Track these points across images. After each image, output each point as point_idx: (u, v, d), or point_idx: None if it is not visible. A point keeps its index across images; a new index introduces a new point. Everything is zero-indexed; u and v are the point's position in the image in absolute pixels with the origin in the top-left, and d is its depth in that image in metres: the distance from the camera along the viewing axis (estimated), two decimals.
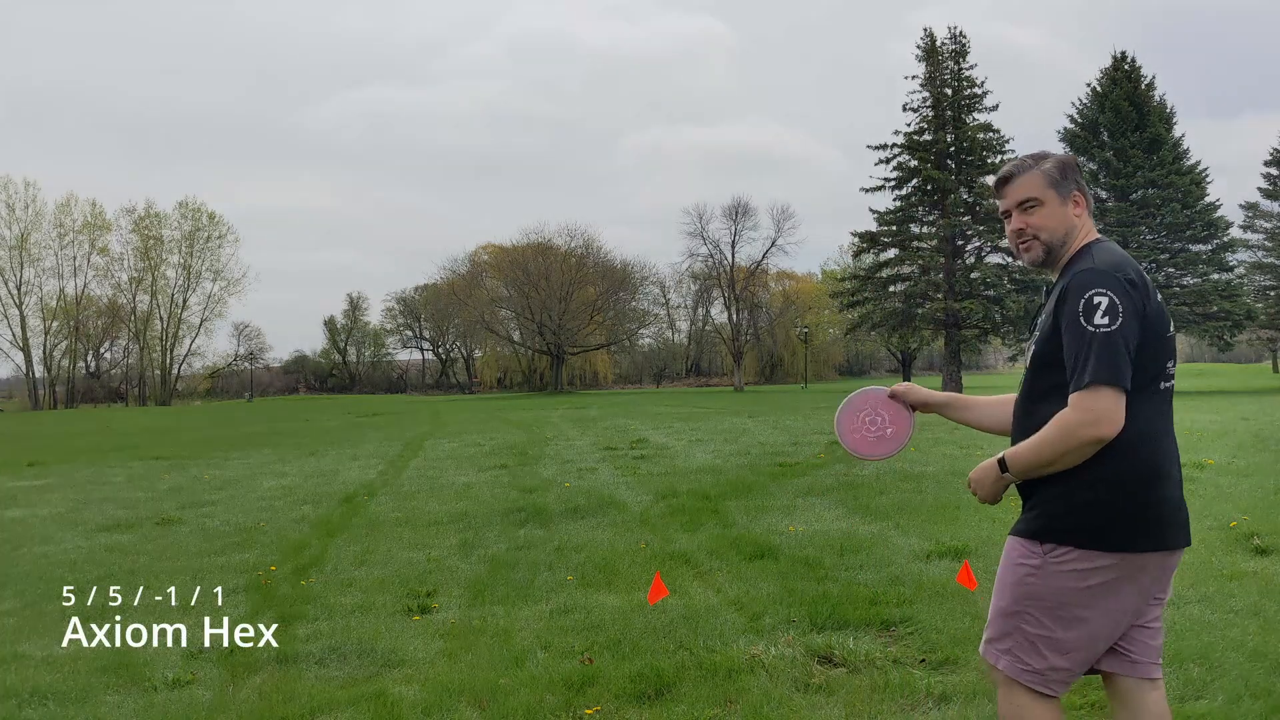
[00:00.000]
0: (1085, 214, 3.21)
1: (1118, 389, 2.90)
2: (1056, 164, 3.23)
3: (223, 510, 12.43)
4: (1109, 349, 2.89)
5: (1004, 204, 3.27)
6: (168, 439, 29.64)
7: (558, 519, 10.56)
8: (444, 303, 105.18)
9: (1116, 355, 2.90)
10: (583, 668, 5.41)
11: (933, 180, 50.92)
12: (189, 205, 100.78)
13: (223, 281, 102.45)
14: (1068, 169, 3.23)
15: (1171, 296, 51.80)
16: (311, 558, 8.91)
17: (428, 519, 10.91)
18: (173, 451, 23.28)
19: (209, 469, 18.20)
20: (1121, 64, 54.38)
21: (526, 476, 14.68)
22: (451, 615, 6.71)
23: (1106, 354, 2.89)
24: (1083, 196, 3.22)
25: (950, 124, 51.75)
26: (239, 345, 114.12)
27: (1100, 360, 2.89)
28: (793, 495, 11.47)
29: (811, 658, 5.43)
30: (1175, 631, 5.60)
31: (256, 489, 14.58)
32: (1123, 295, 2.94)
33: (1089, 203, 3.24)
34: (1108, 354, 2.89)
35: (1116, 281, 2.95)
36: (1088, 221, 3.21)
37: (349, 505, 12.34)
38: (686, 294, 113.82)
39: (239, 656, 5.92)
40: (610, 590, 7.19)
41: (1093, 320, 2.91)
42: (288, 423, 38.59)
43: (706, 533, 9.36)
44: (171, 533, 10.82)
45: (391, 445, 22.65)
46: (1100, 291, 2.93)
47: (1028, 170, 3.23)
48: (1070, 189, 3.20)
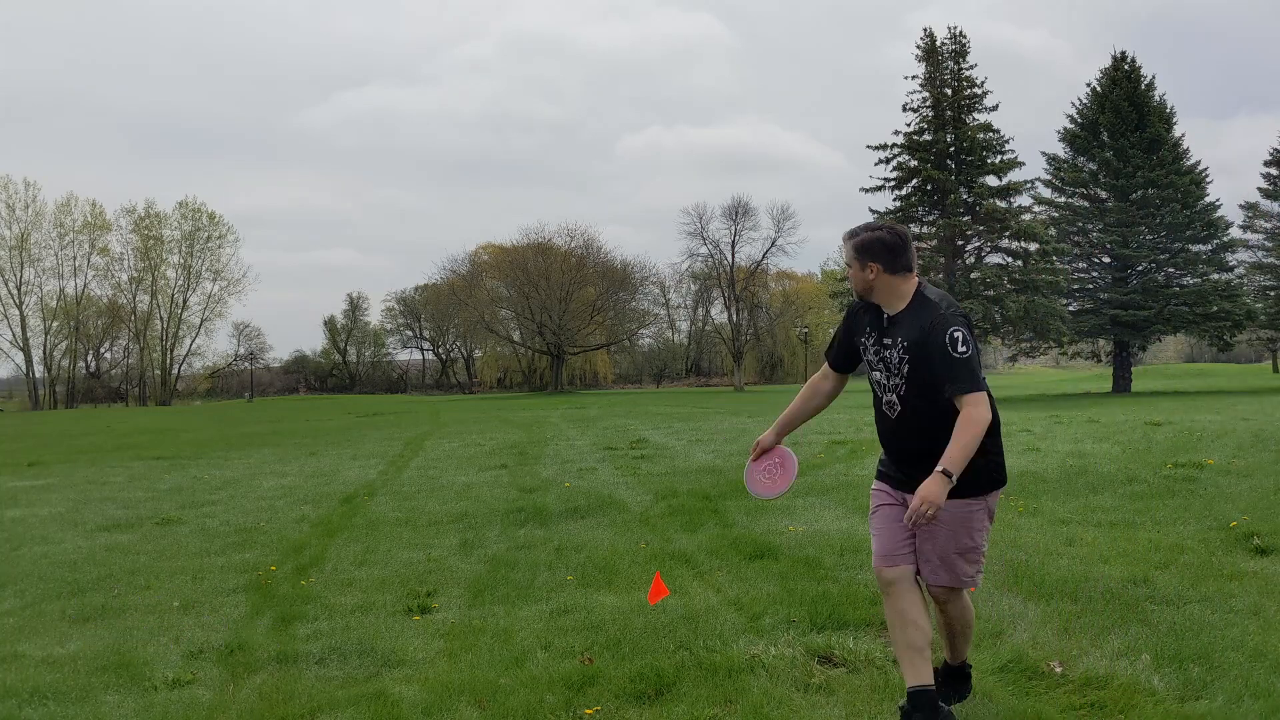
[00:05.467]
0: (881, 275, 4.46)
1: (985, 391, 4.26)
2: (858, 243, 4.50)
3: (223, 510, 12.43)
4: (974, 366, 4.23)
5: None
6: (168, 439, 29.63)
7: (558, 519, 10.55)
8: (444, 303, 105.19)
9: (978, 369, 4.26)
10: (583, 668, 5.40)
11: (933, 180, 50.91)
12: (189, 205, 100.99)
13: (223, 281, 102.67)
14: (866, 247, 4.48)
15: (1171, 297, 51.76)
16: (311, 557, 8.91)
17: (428, 519, 10.91)
18: (173, 451, 23.28)
19: (209, 469, 18.19)
20: (1121, 64, 54.34)
21: (526, 476, 14.68)
22: (451, 615, 6.71)
23: (974, 369, 4.23)
24: (877, 265, 4.46)
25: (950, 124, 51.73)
26: (239, 345, 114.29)
27: (975, 375, 4.22)
28: (792, 495, 11.46)
29: (812, 657, 5.43)
30: (1175, 631, 5.60)
31: (256, 489, 14.58)
32: (968, 327, 4.30)
33: (894, 266, 4.45)
34: (975, 369, 4.23)
35: (961, 318, 4.31)
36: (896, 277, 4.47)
37: (349, 505, 12.34)
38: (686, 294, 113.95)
39: (239, 656, 5.93)
40: (610, 590, 7.19)
41: (957, 349, 4.22)
42: (288, 423, 38.59)
43: (706, 533, 9.36)
44: (172, 533, 10.82)
45: (391, 445, 22.64)
46: (956, 329, 4.24)
47: (844, 242, 4.61)
48: (866, 260, 4.47)
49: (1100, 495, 10.71)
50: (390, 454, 20.01)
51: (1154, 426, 19.10)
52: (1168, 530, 8.60)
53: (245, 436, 29.28)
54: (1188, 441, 15.77)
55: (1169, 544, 7.97)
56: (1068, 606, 6.21)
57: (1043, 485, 11.56)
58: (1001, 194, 50.76)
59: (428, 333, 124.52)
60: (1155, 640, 5.46)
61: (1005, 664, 5.21)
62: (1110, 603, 6.25)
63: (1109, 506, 9.97)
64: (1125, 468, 12.79)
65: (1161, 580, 6.78)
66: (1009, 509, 9.91)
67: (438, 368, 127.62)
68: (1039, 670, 5.11)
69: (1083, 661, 5.21)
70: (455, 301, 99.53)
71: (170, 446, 25.39)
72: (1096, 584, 6.70)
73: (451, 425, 31.00)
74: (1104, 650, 5.36)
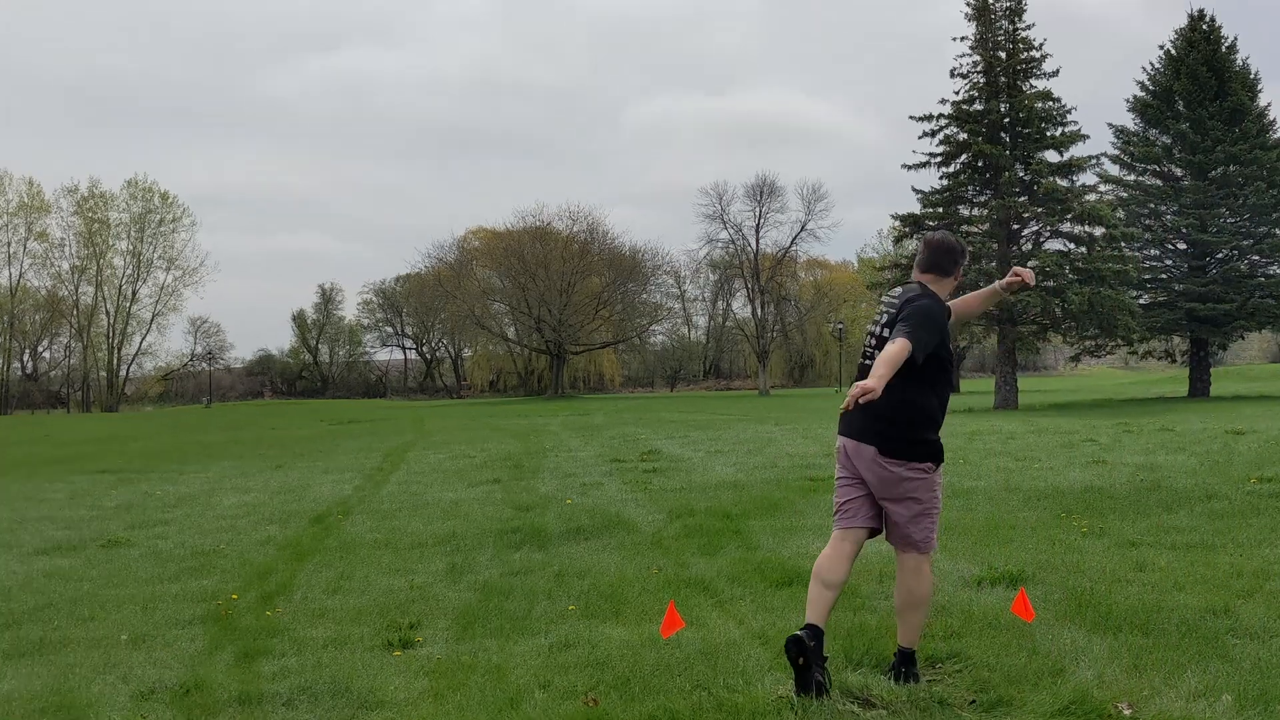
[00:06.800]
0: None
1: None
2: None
3: (177, 531, 12.46)
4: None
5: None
6: (115, 450, 29.70)
7: (558, 540, 10.57)
8: (429, 295, 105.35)
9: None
10: (587, 710, 5.40)
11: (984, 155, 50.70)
12: (138, 184, 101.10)
13: (177, 271, 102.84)
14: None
15: (1256, 288, 51.49)
16: (278, 585, 8.93)
17: (410, 541, 10.93)
18: (121, 464, 23.34)
19: (162, 484, 18.24)
20: (1199, 24, 54.16)
21: (522, 492, 14.70)
22: (437, 650, 6.72)
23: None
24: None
25: (1004, 92, 51.55)
26: (195, 343, 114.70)
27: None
28: (825, 513, 11.43)
29: (846, 698, 5.42)
30: (1261, 669, 5.59)
31: (215, 507, 14.62)
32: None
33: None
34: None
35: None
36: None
37: (321, 525, 12.36)
38: (704, 285, 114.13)
39: (195, 697, 5.93)
40: (618, 622, 7.20)
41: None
42: (251, 431, 38.66)
43: (727, 556, 9.36)
44: (119, 556, 10.85)
45: (369, 457, 22.68)
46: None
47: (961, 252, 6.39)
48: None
49: (1175, 514, 10.69)
50: (368, 467, 20.05)
51: (1236, 435, 19.06)
52: (1252, 554, 8.58)
53: (203, 447, 29.34)
54: (1275, 453, 15.73)
55: (1253, 569, 7.95)
56: (1138, 640, 6.19)
57: (1110, 502, 11.54)
58: (1063, 171, 50.57)
59: (410, 329, 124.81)
60: (1238, 678, 5.45)
61: (1067, 705, 5.20)
62: (1186, 636, 6.24)
63: (1185, 527, 9.95)
64: (1203, 483, 12.76)
65: (1245, 610, 6.77)
66: (1072, 529, 9.89)
67: (421, 369, 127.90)
68: (1105, 712, 5.10)
69: (1155, 702, 5.20)
70: (441, 293, 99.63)
71: (117, 458, 25.45)
72: (1171, 614, 6.69)
73: (437, 434, 31.03)
74: (1179, 690, 5.35)
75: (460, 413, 54.39)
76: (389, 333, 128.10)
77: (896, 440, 5.65)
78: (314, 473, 19.20)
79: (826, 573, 5.67)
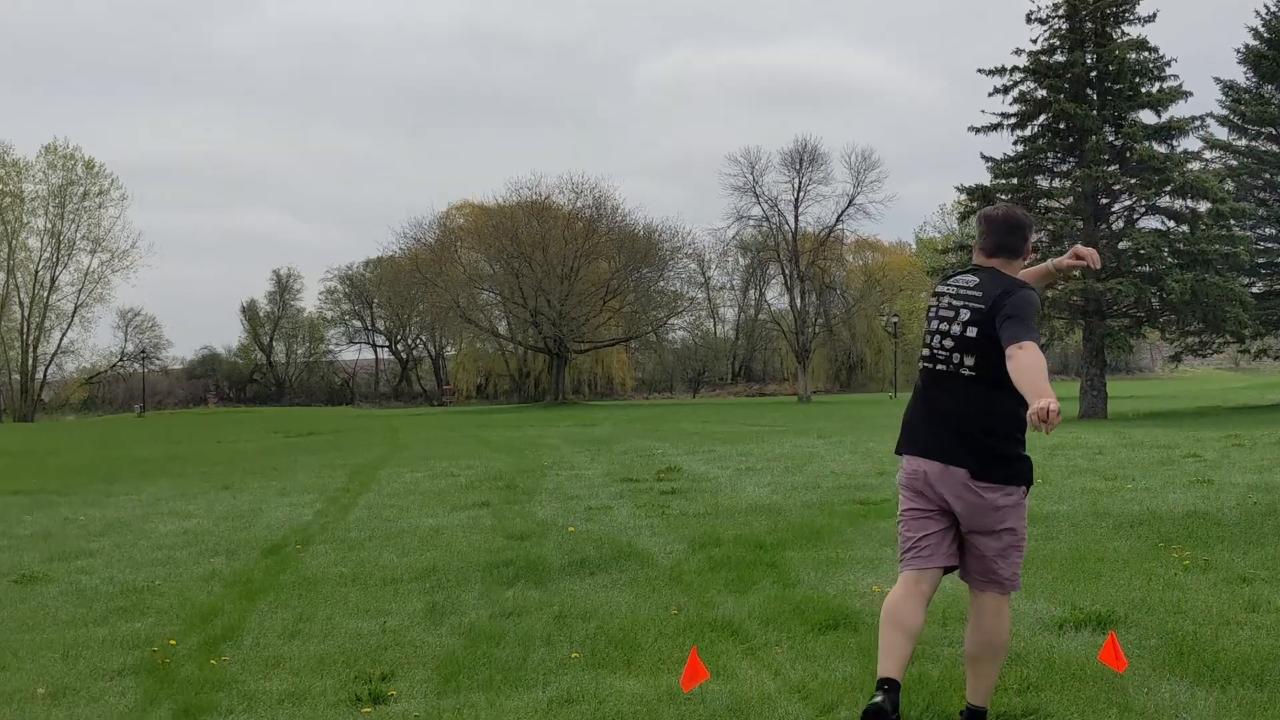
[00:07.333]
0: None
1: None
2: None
3: (104, 564, 12.48)
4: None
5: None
6: (30, 466, 29.78)
7: (558, 575, 10.58)
8: (404, 283, 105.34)
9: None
10: None
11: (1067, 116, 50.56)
12: (58, 151, 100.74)
13: (105, 254, 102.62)
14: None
15: None
16: (225, 628, 8.94)
17: (382, 576, 10.94)
18: (37, 484, 23.39)
19: (86, 508, 18.27)
20: None
21: (516, 518, 14.71)
22: (414, 706, 6.73)
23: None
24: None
25: (1091, 40, 51.41)
26: (126, 340, 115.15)
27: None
28: (878, 543, 11.44)
29: None
30: None
31: (150, 535, 14.64)
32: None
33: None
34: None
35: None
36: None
37: (275, 557, 12.38)
38: (733, 271, 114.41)
39: None
40: (629, 672, 7.21)
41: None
42: (193, 444, 38.74)
43: (760, 594, 9.36)
44: (35, 594, 10.87)
45: (333, 475, 22.71)
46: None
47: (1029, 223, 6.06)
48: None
49: None
50: (331, 487, 20.07)
51: None
52: None
53: (135, 463, 29.39)
54: None
55: None
56: (1250, 693, 6.19)
57: (1217, 530, 11.52)
58: (1161, 135, 50.46)
59: (382, 324, 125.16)
60: None
61: None
62: None
63: None
64: None
65: None
66: (1171, 562, 9.87)
67: (396, 371, 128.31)
68: None
69: None
70: (420, 281, 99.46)
71: (33, 477, 25.51)
72: None
73: (414, 448, 31.07)
74: None
75: (442, 422, 54.45)
76: (357, 328, 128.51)
77: (994, 460, 5.56)
78: (268, 494, 19.22)
79: (904, 617, 5.54)
